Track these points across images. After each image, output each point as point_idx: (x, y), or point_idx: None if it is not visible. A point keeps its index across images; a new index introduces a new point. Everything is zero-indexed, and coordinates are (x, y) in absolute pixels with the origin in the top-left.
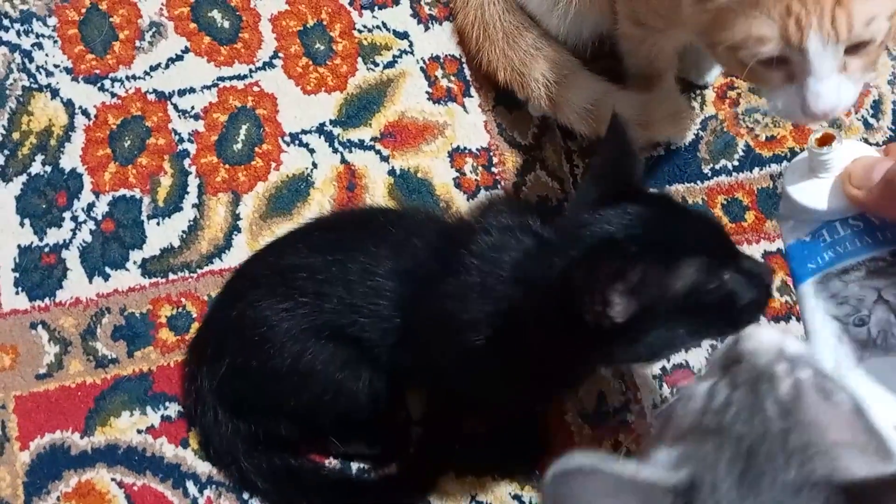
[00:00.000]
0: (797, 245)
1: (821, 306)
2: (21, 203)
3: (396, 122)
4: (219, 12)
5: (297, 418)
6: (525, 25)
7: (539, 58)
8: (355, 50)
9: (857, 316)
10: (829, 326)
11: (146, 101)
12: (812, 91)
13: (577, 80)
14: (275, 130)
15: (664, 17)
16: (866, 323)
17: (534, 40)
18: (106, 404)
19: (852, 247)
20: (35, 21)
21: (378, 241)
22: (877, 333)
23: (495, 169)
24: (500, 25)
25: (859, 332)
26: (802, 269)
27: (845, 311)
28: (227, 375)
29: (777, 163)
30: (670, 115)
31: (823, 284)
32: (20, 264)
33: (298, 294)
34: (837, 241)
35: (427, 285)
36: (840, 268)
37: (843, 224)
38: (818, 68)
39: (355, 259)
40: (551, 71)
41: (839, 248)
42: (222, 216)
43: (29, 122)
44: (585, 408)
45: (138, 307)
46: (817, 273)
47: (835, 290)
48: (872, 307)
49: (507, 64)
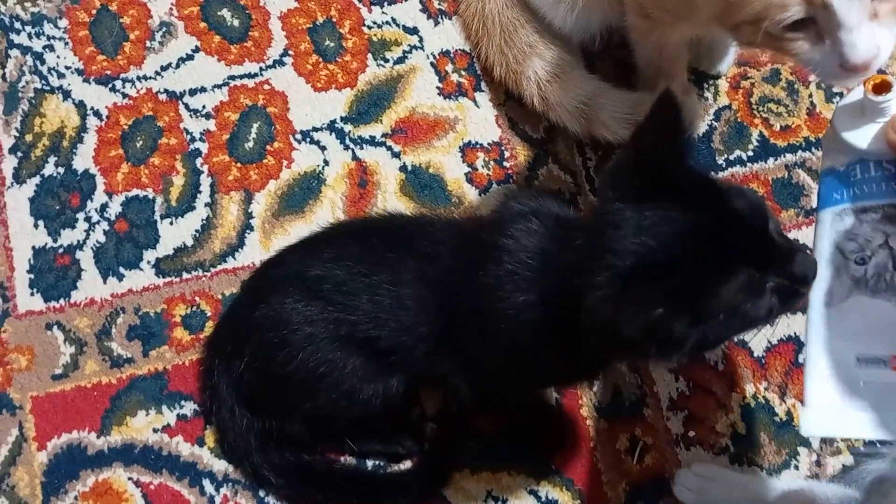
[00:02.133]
0: (831, 173)
1: (832, 236)
2: (35, 205)
3: (407, 117)
4: (228, 11)
5: (312, 420)
6: (522, 21)
7: (532, 55)
8: (365, 46)
9: (860, 254)
10: (833, 258)
11: (157, 101)
12: (846, 44)
13: (569, 79)
14: (286, 128)
15: (670, 12)
16: (866, 263)
17: (528, 37)
18: (122, 404)
19: (878, 189)
20: (46, 23)
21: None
22: (872, 274)
23: (507, 163)
24: (499, 20)
25: (857, 270)
26: (828, 197)
27: (851, 248)
28: (245, 374)
29: (792, 152)
30: None
31: (841, 217)
32: (35, 266)
33: (323, 303)
34: (866, 181)
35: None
36: (861, 206)
37: (877, 165)
38: (846, 19)
39: (380, 271)
40: (543, 69)
41: (865, 188)
42: (235, 215)
43: (41, 124)
44: (601, 402)
45: (153, 307)
46: (840, 205)
47: (849, 225)
48: (876, 250)
49: (503, 60)
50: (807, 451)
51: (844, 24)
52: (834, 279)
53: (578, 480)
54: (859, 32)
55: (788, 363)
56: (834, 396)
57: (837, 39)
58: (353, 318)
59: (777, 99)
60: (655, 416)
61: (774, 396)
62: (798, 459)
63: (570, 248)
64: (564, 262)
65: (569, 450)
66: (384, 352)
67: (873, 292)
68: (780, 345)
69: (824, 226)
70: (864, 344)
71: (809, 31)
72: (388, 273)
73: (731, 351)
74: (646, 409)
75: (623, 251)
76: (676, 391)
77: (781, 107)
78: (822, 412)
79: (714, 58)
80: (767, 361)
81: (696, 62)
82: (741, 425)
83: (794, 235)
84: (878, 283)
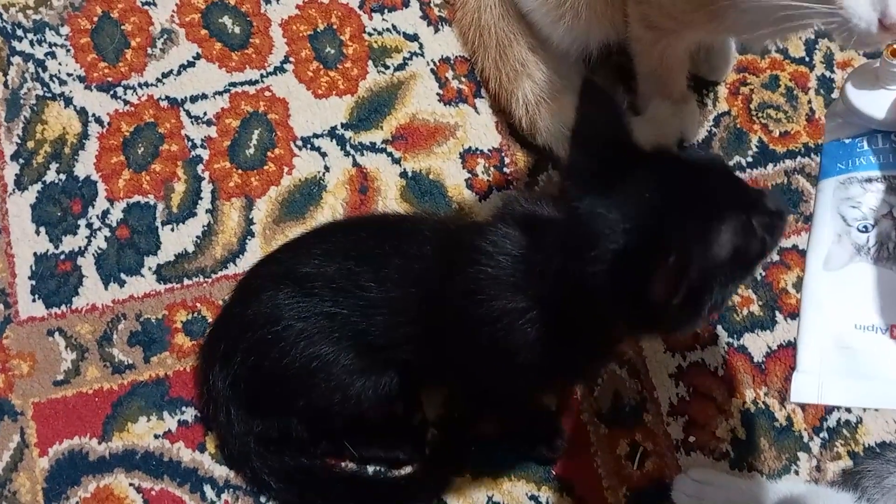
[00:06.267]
0: (835, 144)
1: (834, 204)
2: (36, 211)
3: (408, 124)
4: (230, 18)
5: (307, 418)
6: (517, 36)
7: (523, 76)
8: (366, 53)
9: (863, 222)
10: (835, 224)
11: (159, 107)
12: None
13: (557, 104)
14: (287, 135)
15: (676, 18)
16: (869, 231)
17: (521, 53)
18: (123, 410)
19: (885, 161)
20: (48, 30)
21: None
22: (874, 242)
23: (507, 169)
24: (495, 32)
25: (859, 237)
26: (831, 167)
27: (854, 216)
28: (239, 373)
29: (791, 158)
30: (652, 138)
31: (844, 186)
32: (36, 272)
33: (314, 299)
34: (874, 152)
35: (444, 284)
36: (865, 176)
37: (885, 137)
38: None
39: (369, 266)
40: (532, 92)
41: (872, 158)
42: (236, 221)
43: (43, 131)
44: (601, 407)
45: (154, 313)
46: (843, 174)
47: (853, 193)
48: (880, 219)
49: (497, 75)
50: (807, 456)
51: None
52: (834, 244)
53: (579, 486)
54: None
55: (788, 369)
56: (828, 363)
57: None
58: (345, 312)
59: (776, 105)
60: (655, 422)
61: (774, 402)
62: (798, 465)
63: (555, 249)
64: (554, 264)
65: (569, 455)
66: (375, 347)
67: (875, 260)
68: (779, 350)
69: (825, 194)
70: (863, 311)
71: None
72: (376, 269)
73: (730, 356)
74: (646, 414)
75: (612, 234)
76: (676, 396)
77: (780, 113)
78: (815, 378)
79: (713, 64)
80: (767, 367)
81: (696, 68)
82: (741, 430)
83: (794, 241)
84: (880, 251)
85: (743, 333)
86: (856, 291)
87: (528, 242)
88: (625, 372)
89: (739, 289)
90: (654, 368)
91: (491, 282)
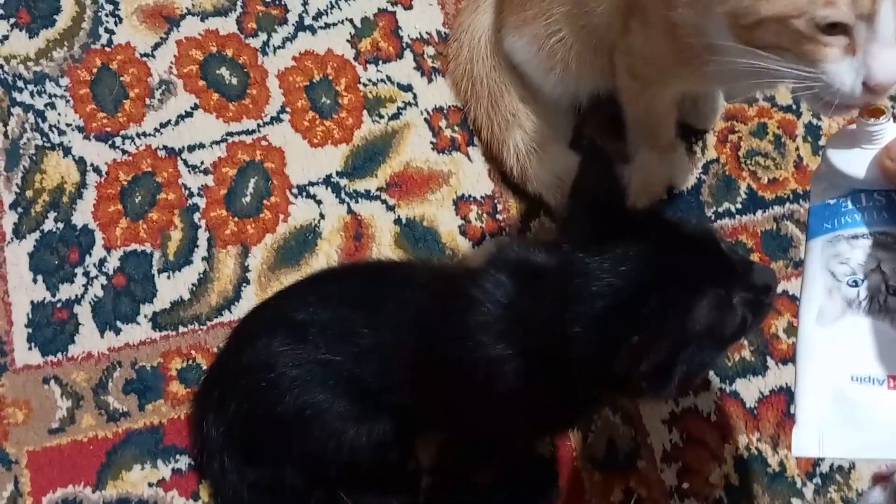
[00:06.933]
0: (821, 206)
1: (823, 262)
2: (34, 260)
3: (402, 171)
4: (227, 70)
5: (301, 466)
6: (508, 87)
7: (514, 126)
8: (361, 103)
9: (852, 277)
10: (824, 280)
11: (156, 157)
12: (878, 60)
13: (547, 154)
14: (283, 183)
15: (660, 70)
16: (859, 285)
17: (512, 104)
18: (118, 458)
19: (869, 218)
20: (48, 82)
21: (384, 294)
22: (864, 296)
23: (500, 216)
24: (487, 83)
25: (850, 292)
26: (818, 227)
27: (843, 271)
28: (233, 421)
29: (780, 205)
30: (641, 186)
31: (832, 244)
32: (33, 320)
33: (309, 345)
34: (858, 210)
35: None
36: (851, 233)
37: (868, 196)
38: (884, 34)
39: (364, 313)
40: (523, 142)
41: (857, 216)
42: (231, 268)
43: (42, 180)
44: (595, 454)
45: (149, 360)
46: (830, 233)
47: (841, 250)
48: (869, 273)
49: (489, 124)
50: (800, 501)
51: (881, 38)
52: (826, 300)
53: None
54: (891, 50)
55: (780, 414)
56: (827, 416)
57: (869, 53)
58: (339, 359)
59: (764, 152)
60: (649, 468)
61: (767, 447)
62: None
63: (542, 302)
64: (538, 314)
65: (564, 502)
66: (369, 393)
67: (867, 313)
68: (771, 395)
69: (814, 253)
70: (858, 363)
71: (840, 40)
72: (370, 315)
73: (723, 402)
74: (640, 460)
75: (592, 296)
76: (670, 442)
77: (769, 160)
78: (815, 432)
79: (701, 112)
80: (759, 412)
81: (684, 117)
82: (735, 476)
83: (785, 287)
84: (871, 304)
85: (735, 379)
86: (850, 344)
87: (516, 291)
88: (618, 418)
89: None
90: (648, 414)
91: (479, 328)
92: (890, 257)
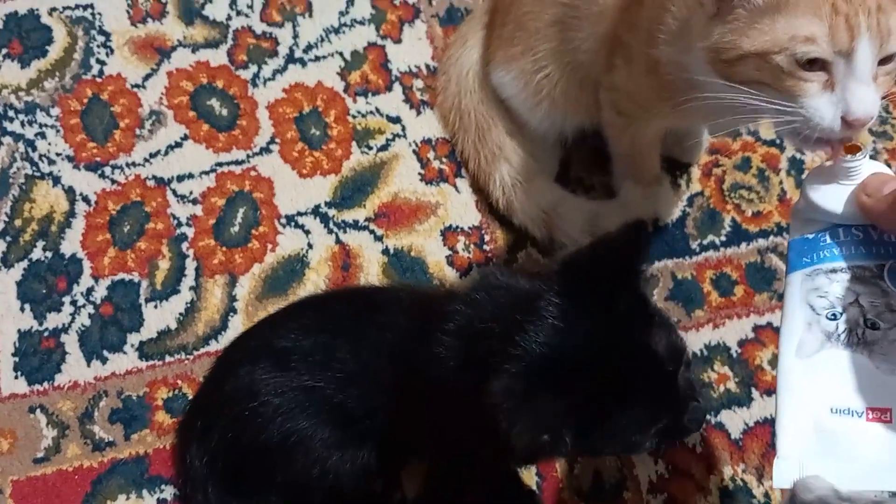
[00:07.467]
0: (800, 240)
1: (802, 295)
2: (22, 288)
3: (390, 202)
4: (217, 101)
5: (286, 495)
6: (495, 120)
7: (501, 159)
8: (349, 134)
9: (831, 310)
10: (804, 313)
11: (145, 186)
12: (855, 95)
13: (532, 187)
14: (271, 213)
15: (643, 106)
16: (837, 318)
17: (499, 137)
18: (103, 488)
19: (847, 252)
20: (39, 111)
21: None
22: (843, 329)
23: (487, 247)
24: (474, 116)
25: (828, 325)
26: (797, 261)
27: (822, 304)
28: (217, 450)
29: (764, 237)
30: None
31: (811, 278)
32: (20, 349)
33: (291, 373)
34: (836, 244)
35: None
36: (830, 267)
37: (846, 230)
38: (862, 71)
39: (345, 339)
40: (509, 175)
41: (835, 251)
42: (219, 298)
43: (31, 210)
44: (581, 485)
45: (135, 390)
46: (809, 267)
47: (819, 284)
48: (847, 307)
49: (476, 157)
50: None
51: (859, 75)
52: (805, 332)
53: None
54: (868, 87)
55: (765, 445)
56: (807, 447)
57: (847, 88)
58: (321, 385)
59: (748, 185)
60: (635, 500)
61: (752, 479)
62: None
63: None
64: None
65: None
66: (352, 419)
67: (845, 345)
68: (756, 427)
69: (794, 287)
70: (837, 395)
71: (819, 76)
72: (352, 341)
73: (708, 433)
74: (626, 492)
75: (537, 350)
76: (656, 474)
77: (753, 193)
78: (796, 463)
79: (686, 147)
80: (745, 443)
81: (669, 151)
82: None
83: (768, 319)
84: (849, 337)
85: (720, 410)
86: (829, 376)
87: (487, 312)
88: None
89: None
90: None
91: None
92: (867, 291)
